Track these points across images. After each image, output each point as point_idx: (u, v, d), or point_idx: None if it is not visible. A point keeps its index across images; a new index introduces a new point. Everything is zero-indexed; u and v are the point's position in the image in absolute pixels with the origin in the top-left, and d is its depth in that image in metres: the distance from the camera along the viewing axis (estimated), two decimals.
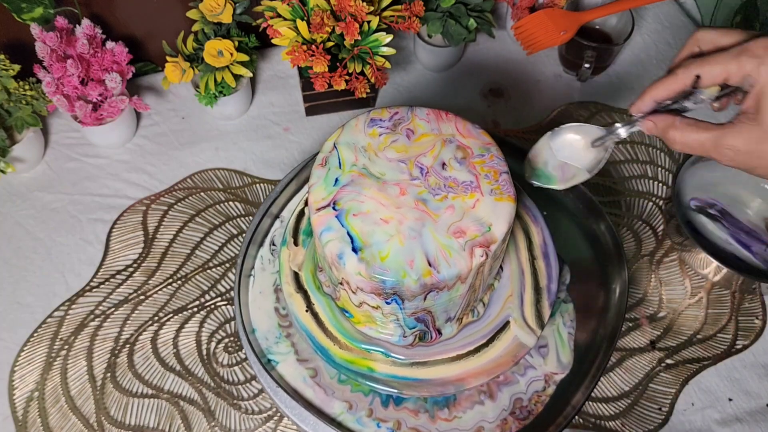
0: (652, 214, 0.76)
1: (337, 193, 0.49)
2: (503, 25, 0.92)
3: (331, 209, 0.48)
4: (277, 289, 0.63)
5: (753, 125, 0.41)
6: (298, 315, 0.58)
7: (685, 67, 0.43)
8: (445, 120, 0.54)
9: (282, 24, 0.69)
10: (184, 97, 0.84)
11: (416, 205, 0.49)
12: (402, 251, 0.47)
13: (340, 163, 0.51)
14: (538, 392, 0.59)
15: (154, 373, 0.65)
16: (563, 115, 0.84)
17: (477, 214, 0.49)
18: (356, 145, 0.52)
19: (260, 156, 0.80)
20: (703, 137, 0.43)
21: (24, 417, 0.63)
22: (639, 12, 0.94)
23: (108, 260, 0.72)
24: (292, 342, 0.60)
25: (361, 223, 0.48)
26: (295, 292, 0.59)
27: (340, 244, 0.47)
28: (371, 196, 0.49)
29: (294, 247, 0.61)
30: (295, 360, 0.60)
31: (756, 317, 0.70)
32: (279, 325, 0.61)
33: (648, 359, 0.67)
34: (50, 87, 0.70)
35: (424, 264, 0.46)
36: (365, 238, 0.47)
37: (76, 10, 0.76)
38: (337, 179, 0.50)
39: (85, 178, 0.78)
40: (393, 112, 0.54)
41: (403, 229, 0.48)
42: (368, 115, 0.54)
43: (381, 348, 0.55)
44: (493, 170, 0.51)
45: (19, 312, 0.68)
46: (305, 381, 0.59)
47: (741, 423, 0.64)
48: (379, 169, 0.51)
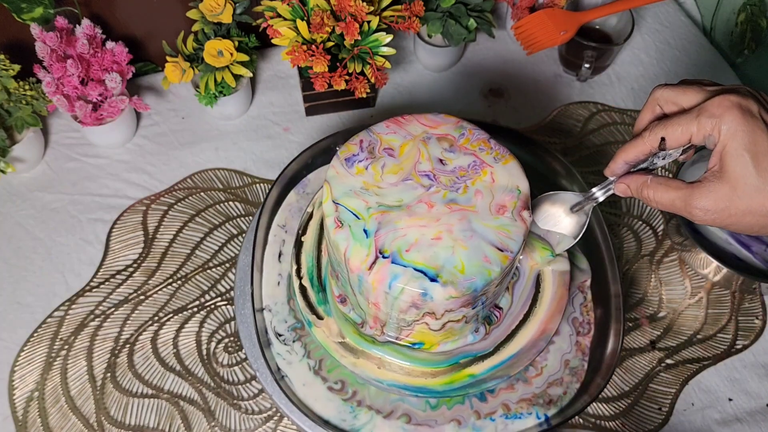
0: (652, 214, 0.76)
1: (376, 243, 0.47)
2: (503, 25, 0.92)
3: (382, 260, 0.46)
4: (316, 371, 0.59)
5: (719, 183, 0.41)
6: (374, 374, 0.55)
7: (651, 131, 0.44)
8: (406, 122, 0.54)
9: (282, 24, 0.69)
10: (184, 97, 0.84)
11: (450, 209, 0.49)
12: (472, 254, 0.47)
13: (356, 214, 0.49)
14: (582, 303, 0.62)
15: (154, 373, 0.65)
16: (563, 115, 0.84)
17: (500, 184, 0.50)
18: (354, 190, 0.50)
19: (260, 156, 0.80)
20: (673, 196, 0.43)
21: (24, 417, 0.63)
22: (639, 12, 0.94)
23: (108, 260, 0.72)
24: (368, 406, 0.58)
25: (419, 253, 0.46)
26: (357, 359, 0.56)
27: (417, 283, 0.46)
28: (408, 225, 0.48)
29: (322, 321, 0.58)
30: (382, 419, 0.57)
31: (756, 317, 0.70)
32: (344, 401, 0.58)
33: (648, 359, 0.67)
34: (50, 87, 0.70)
35: (496, 253, 0.47)
36: (434, 263, 0.46)
37: (76, 10, 0.76)
38: (365, 230, 0.48)
39: (85, 178, 0.78)
40: (357, 142, 0.53)
41: (457, 235, 0.47)
42: (339, 159, 0.52)
43: (464, 354, 0.55)
44: (480, 141, 0.52)
45: (19, 312, 0.68)
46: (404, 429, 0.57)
47: (741, 423, 0.64)
48: (394, 197, 0.49)
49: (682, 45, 0.92)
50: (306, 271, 0.59)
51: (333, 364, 0.58)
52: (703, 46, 0.92)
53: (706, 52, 0.91)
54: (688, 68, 0.89)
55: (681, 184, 0.43)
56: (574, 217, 0.53)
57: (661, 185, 0.44)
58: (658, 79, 0.88)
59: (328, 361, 0.58)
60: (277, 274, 0.63)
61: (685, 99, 0.44)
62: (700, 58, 0.91)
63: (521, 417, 0.57)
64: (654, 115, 0.46)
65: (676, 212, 0.44)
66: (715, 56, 0.91)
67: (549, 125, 0.83)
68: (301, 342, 0.59)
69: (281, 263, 0.63)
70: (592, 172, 0.79)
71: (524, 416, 0.57)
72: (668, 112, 0.45)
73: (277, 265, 0.63)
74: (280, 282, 0.62)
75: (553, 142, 0.81)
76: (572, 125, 0.83)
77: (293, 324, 0.60)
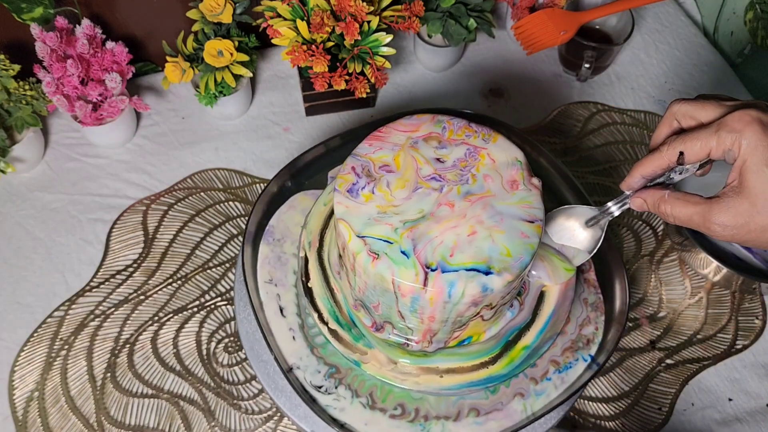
0: (652, 214, 0.76)
1: (419, 259, 0.46)
2: (503, 25, 0.92)
3: (432, 273, 0.46)
4: (372, 406, 0.57)
5: (738, 199, 0.41)
6: (439, 384, 0.54)
7: (669, 145, 0.44)
8: (386, 134, 0.53)
9: (282, 24, 0.69)
10: (184, 97, 0.84)
11: (470, 202, 0.49)
12: (509, 235, 0.47)
13: (387, 240, 0.47)
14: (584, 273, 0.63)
15: (154, 373, 0.65)
16: (563, 115, 0.84)
17: (501, 161, 0.51)
18: (373, 218, 0.48)
19: (260, 156, 0.80)
20: (691, 211, 0.43)
21: (24, 417, 0.63)
22: (639, 12, 0.94)
23: (108, 260, 0.72)
24: (435, 417, 0.57)
25: (464, 253, 0.47)
26: (417, 377, 0.55)
27: (474, 282, 0.46)
28: (440, 231, 0.48)
29: (367, 356, 0.56)
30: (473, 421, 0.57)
31: (756, 317, 0.70)
32: (410, 422, 0.56)
33: (648, 359, 0.67)
34: (50, 87, 0.70)
35: (528, 225, 0.48)
36: (481, 257, 0.46)
37: (76, 10, 0.76)
38: (403, 252, 0.47)
39: (85, 178, 0.78)
40: (350, 170, 0.51)
41: (488, 223, 0.48)
42: (340, 193, 0.50)
43: (509, 331, 0.55)
44: (463, 128, 0.53)
45: (19, 312, 0.68)
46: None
47: (741, 423, 0.64)
48: (413, 210, 0.49)
49: (682, 45, 0.92)
50: (329, 315, 0.57)
51: (385, 392, 0.57)
52: (703, 46, 0.92)
53: (706, 52, 0.91)
54: (688, 68, 0.89)
55: (699, 199, 0.43)
56: (589, 231, 0.53)
57: (679, 200, 0.44)
58: (658, 79, 0.88)
59: (378, 391, 0.57)
60: (287, 330, 0.59)
61: (704, 114, 0.43)
62: (700, 58, 0.91)
63: (571, 366, 0.59)
64: (671, 129, 0.46)
65: (695, 227, 0.43)
66: (715, 56, 0.91)
67: (549, 125, 0.83)
68: (343, 385, 0.57)
69: (286, 317, 0.60)
70: (592, 172, 0.79)
71: (573, 364, 0.59)
72: (686, 127, 0.45)
73: (283, 320, 0.60)
74: (295, 336, 0.59)
75: (553, 142, 0.81)
76: (572, 125, 0.83)
77: (327, 371, 0.58)
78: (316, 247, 0.59)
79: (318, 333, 0.58)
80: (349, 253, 0.48)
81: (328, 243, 0.59)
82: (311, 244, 0.59)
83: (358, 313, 0.55)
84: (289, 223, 0.64)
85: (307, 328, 0.59)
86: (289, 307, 0.60)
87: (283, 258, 0.62)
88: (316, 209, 0.61)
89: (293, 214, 0.65)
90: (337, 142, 0.66)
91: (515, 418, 0.57)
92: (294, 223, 0.64)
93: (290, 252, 0.63)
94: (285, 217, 0.64)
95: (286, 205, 0.65)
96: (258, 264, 0.62)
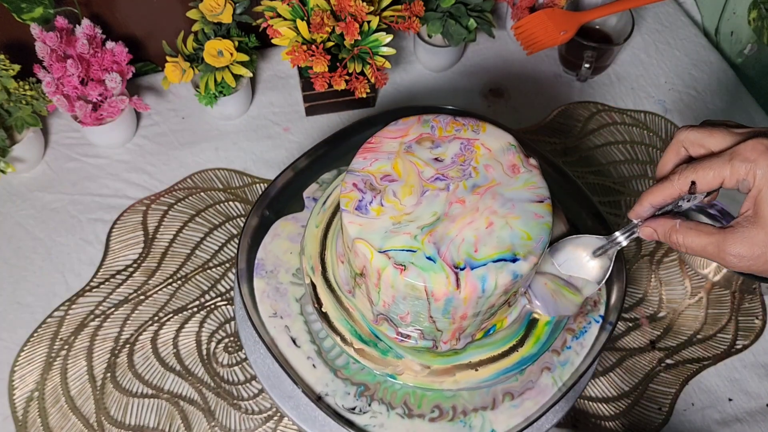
0: None
1: (446, 262, 0.46)
2: (503, 25, 0.92)
3: (462, 272, 0.46)
4: (409, 415, 0.56)
5: (754, 229, 0.40)
6: (476, 378, 0.55)
7: (681, 174, 0.43)
8: (377, 144, 0.52)
9: (282, 24, 0.69)
10: (184, 97, 0.84)
11: (479, 194, 0.49)
12: (525, 219, 0.48)
13: (409, 249, 0.47)
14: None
15: (154, 373, 0.65)
16: (563, 115, 0.84)
17: (496, 148, 0.52)
18: (389, 230, 0.48)
19: (260, 156, 0.80)
20: (704, 242, 0.42)
21: (24, 417, 0.63)
22: (639, 12, 0.94)
23: (108, 260, 0.72)
24: (473, 410, 0.57)
25: (487, 246, 0.47)
26: (454, 376, 0.54)
27: (504, 271, 0.46)
28: (459, 229, 0.47)
29: (400, 367, 0.55)
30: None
31: (756, 317, 0.70)
32: (450, 421, 0.56)
33: (648, 359, 0.67)
34: (50, 87, 0.70)
35: (539, 206, 0.49)
36: (504, 246, 0.47)
37: (76, 10, 0.76)
38: (428, 258, 0.46)
39: (85, 178, 0.78)
40: (351, 187, 0.50)
41: (501, 212, 0.48)
42: (349, 213, 0.49)
43: (529, 311, 0.56)
44: (450, 123, 0.53)
45: (19, 312, 0.68)
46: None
47: (741, 423, 0.64)
48: (427, 214, 0.48)
49: (682, 45, 0.92)
50: (351, 336, 0.56)
51: (419, 398, 0.57)
52: (703, 46, 0.92)
53: (706, 52, 0.91)
54: (688, 68, 0.89)
55: (712, 229, 0.42)
56: (597, 261, 0.53)
57: (692, 230, 0.43)
58: (658, 79, 0.88)
59: (412, 398, 0.57)
60: (305, 359, 0.58)
61: (713, 142, 0.43)
62: (700, 58, 0.91)
63: (586, 330, 0.60)
64: (679, 157, 0.45)
65: (708, 258, 0.43)
66: (715, 56, 0.91)
67: (549, 125, 0.83)
68: (375, 400, 0.56)
69: (300, 347, 0.58)
70: (592, 172, 0.79)
71: (587, 328, 0.60)
72: (694, 155, 0.44)
73: (298, 351, 0.58)
74: (315, 364, 0.58)
75: (553, 142, 0.81)
76: (572, 125, 0.83)
77: (357, 390, 0.57)
78: (320, 270, 0.58)
79: (338, 355, 0.58)
80: (372, 270, 0.47)
81: (330, 265, 0.58)
82: (314, 268, 0.58)
83: (380, 327, 0.54)
84: (277, 251, 0.63)
85: (324, 353, 0.58)
86: (300, 336, 0.59)
87: (281, 288, 0.61)
88: (309, 233, 0.60)
89: (279, 241, 0.63)
90: (303, 162, 0.65)
91: (548, 393, 0.57)
92: (282, 250, 0.63)
93: (286, 281, 0.61)
94: (272, 247, 0.63)
95: (269, 235, 0.63)
96: (257, 300, 0.60)
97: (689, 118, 0.84)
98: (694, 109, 0.86)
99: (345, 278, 0.56)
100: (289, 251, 0.63)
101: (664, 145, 0.82)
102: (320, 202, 0.62)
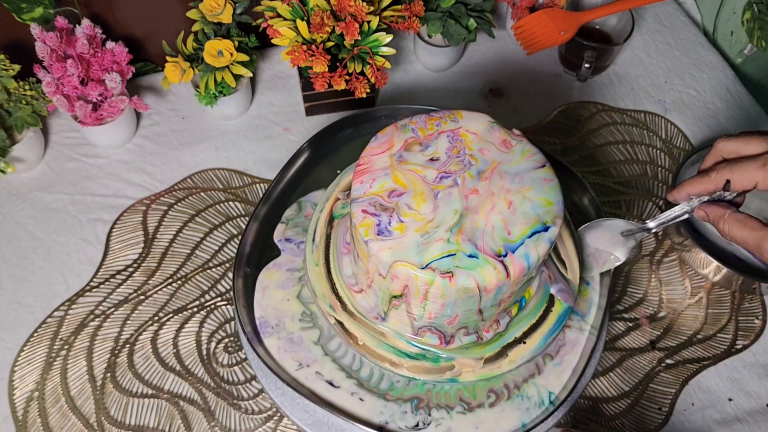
0: (652, 214, 0.76)
1: (486, 253, 0.46)
2: (503, 25, 0.92)
3: (506, 258, 0.46)
4: (469, 409, 0.57)
5: None
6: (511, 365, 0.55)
7: (719, 171, 0.48)
8: (368, 164, 0.51)
9: (282, 24, 0.69)
10: (184, 97, 0.84)
11: (488, 179, 0.50)
12: (537, 188, 0.50)
13: (449, 254, 0.47)
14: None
15: (154, 373, 0.65)
16: (563, 115, 0.84)
17: (481, 131, 0.53)
18: (421, 243, 0.47)
19: (260, 156, 0.80)
20: (746, 236, 0.46)
21: (24, 417, 0.63)
22: (639, 12, 0.94)
23: (108, 260, 0.72)
24: (515, 386, 0.58)
25: (516, 226, 0.48)
26: (498, 363, 0.55)
27: (541, 241, 0.47)
28: (484, 218, 0.48)
29: (455, 367, 0.55)
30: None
31: (756, 317, 0.70)
32: (511, 399, 0.57)
33: (648, 359, 0.67)
34: (50, 87, 0.70)
35: (544, 170, 0.51)
36: (531, 220, 0.48)
37: (76, 10, 0.76)
38: (469, 255, 0.46)
39: (85, 178, 0.78)
40: (362, 215, 0.49)
41: (515, 188, 0.50)
42: (374, 241, 0.47)
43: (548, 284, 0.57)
44: (428, 121, 0.54)
45: (19, 312, 0.68)
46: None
47: (741, 423, 0.64)
48: (449, 214, 0.48)
49: (682, 45, 0.92)
50: (399, 357, 0.55)
51: (472, 389, 0.57)
52: (703, 46, 0.92)
53: (706, 52, 0.91)
54: (688, 68, 0.89)
55: (758, 225, 0.46)
56: (623, 240, 0.57)
57: (738, 222, 0.47)
58: (658, 79, 0.88)
59: (465, 392, 0.57)
60: (350, 396, 0.57)
61: (749, 149, 0.47)
62: (700, 58, 0.91)
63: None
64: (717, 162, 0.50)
65: (747, 249, 0.47)
66: (715, 56, 0.91)
67: (549, 125, 0.83)
68: (433, 408, 0.56)
69: (340, 387, 0.57)
70: (592, 172, 0.79)
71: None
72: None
73: (340, 391, 0.57)
74: (361, 397, 0.57)
75: (553, 142, 0.81)
76: (572, 125, 0.83)
77: (412, 405, 0.56)
78: (339, 306, 0.57)
79: (380, 380, 0.57)
80: (419, 288, 0.47)
81: (347, 298, 0.57)
82: (333, 306, 0.57)
83: (423, 339, 0.54)
84: (274, 303, 0.61)
85: (366, 383, 0.57)
86: (335, 376, 0.58)
87: (294, 338, 0.59)
88: (312, 274, 0.59)
89: (271, 293, 0.62)
90: (263, 209, 0.65)
91: (581, 340, 0.59)
92: (278, 301, 0.61)
93: (296, 328, 0.60)
94: (266, 302, 0.61)
95: (258, 291, 0.62)
96: (277, 358, 0.59)
97: (689, 118, 0.84)
98: (694, 109, 0.86)
99: (368, 306, 0.55)
100: (285, 299, 0.61)
101: (664, 145, 0.82)
102: (309, 240, 0.61)
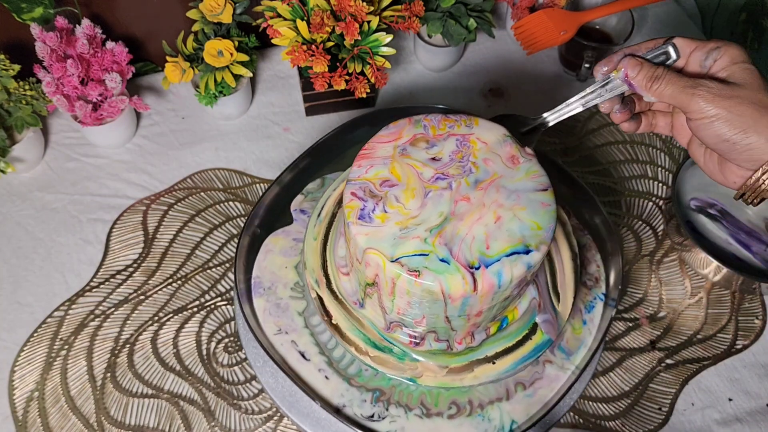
0: (652, 214, 0.76)
1: (460, 263, 0.46)
2: (503, 25, 0.92)
3: (477, 271, 0.46)
4: (427, 414, 0.57)
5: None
6: (495, 371, 0.55)
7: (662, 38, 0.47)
8: (371, 150, 0.52)
9: (282, 24, 0.69)
10: (184, 97, 0.84)
11: (483, 189, 0.49)
12: (532, 209, 0.48)
13: (421, 254, 0.46)
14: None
15: (154, 373, 0.65)
16: None
17: (492, 141, 0.52)
18: (397, 236, 0.47)
19: (260, 156, 0.80)
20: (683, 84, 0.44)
21: (24, 417, 0.63)
22: (639, 12, 0.94)
23: (108, 260, 0.72)
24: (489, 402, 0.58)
25: (498, 241, 0.46)
26: (473, 372, 0.55)
27: (518, 264, 0.46)
28: (468, 227, 0.47)
29: (419, 369, 0.55)
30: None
31: (756, 317, 0.70)
32: (469, 416, 0.56)
33: (648, 359, 0.67)
34: (50, 87, 0.70)
35: (543, 194, 0.49)
36: (515, 239, 0.47)
37: (76, 10, 0.76)
38: (441, 260, 0.46)
39: (85, 178, 0.78)
40: (351, 197, 0.49)
41: (507, 205, 0.48)
42: (354, 224, 0.47)
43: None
44: (442, 121, 0.53)
45: (19, 312, 0.68)
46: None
47: (741, 423, 0.64)
48: (434, 215, 0.48)
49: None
50: (366, 345, 0.55)
51: (434, 396, 0.57)
52: None
53: None
54: None
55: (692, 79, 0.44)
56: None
57: (675, 75, 0.44)
58: None
59: (428, 397, 0.57)
60: (317, 372, 0.58)
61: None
62: None
63: (594, 305, 0.62)
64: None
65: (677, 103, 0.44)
66: None
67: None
68: (392, 404, 0.57)
69: (310, 360, 0.58)
70: (592, 172, 0.79)
71: (594, 303, 0.62)
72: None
73: (309, 364, 0.58)
74: (327, 375, 0.57)
75: (553, 142, 0.81)
76: (572, 125, 0.83)
77: (373, 397, 0.57)
78: (325, 283, 0.58)
79: (350, 363, 0.58)
80: (386, 279, 0.47)
81: (333, 276, 0.58)
82: (318, 282, 0.58)
83: (394, 334, 0.54)
84: (273, 267, 0.62)
85: (336, 363, 0.58)
86: (309, 349, 0.59)
87: (281, 304, 0.61)
88: (308, 247, 0.60)
89: (273, 257, 0.63)
90: (288, 176, 0.66)
91: (561, 378, 0.58)
92: (277, 266, 0.62)
93: (286, 296, 0.61)
94: (266, 264, 0.63)
95: (262, 252, 0.63)
96: (260, 319, 0.60)
97: None
98: None
99: (350, 290, 0.55)
100: (284, 266, 0.62)
101: (664, 145, 0.82)
102: (315, 214, 0.62)
